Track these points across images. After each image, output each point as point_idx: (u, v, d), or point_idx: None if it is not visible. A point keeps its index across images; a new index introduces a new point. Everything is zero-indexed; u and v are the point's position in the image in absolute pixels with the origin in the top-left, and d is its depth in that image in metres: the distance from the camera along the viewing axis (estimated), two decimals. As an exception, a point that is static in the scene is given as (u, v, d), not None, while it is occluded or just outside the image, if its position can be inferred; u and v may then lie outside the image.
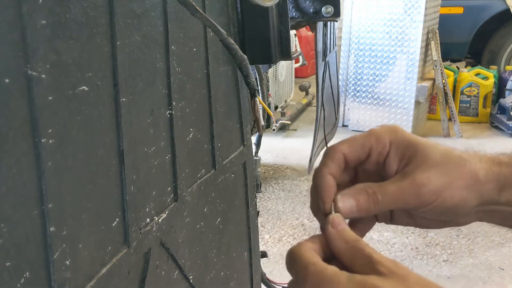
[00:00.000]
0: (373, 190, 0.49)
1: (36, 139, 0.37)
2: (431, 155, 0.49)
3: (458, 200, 0.49)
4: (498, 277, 2.38)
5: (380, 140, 0.51)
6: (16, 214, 0.36)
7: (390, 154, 0.51)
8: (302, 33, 6.27)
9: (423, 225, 0.55)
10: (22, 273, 0.36)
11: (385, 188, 0.49)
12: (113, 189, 0.49)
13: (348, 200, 0.49)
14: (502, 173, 0.49)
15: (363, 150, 0.51)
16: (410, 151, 0.50)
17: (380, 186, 0.49)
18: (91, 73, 0.45)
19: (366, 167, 0.53)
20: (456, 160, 0.49)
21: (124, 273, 0.50)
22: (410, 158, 0.50)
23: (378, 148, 0.51)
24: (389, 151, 0.51)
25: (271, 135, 4.31)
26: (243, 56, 0.62)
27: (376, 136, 0.51)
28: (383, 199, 0.49)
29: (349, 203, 0.49)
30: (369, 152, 0.51)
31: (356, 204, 0.49)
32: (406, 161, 0.50)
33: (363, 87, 4.60)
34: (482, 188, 0.49)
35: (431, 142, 0.51)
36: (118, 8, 0.48)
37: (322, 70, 1.64)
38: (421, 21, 4.23)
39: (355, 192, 0.49)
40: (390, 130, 0.52)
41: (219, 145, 0.75)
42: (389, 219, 0.56)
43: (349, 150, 0.51)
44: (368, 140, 0.51)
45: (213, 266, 0.75)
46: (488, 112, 4.90)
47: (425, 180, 0.48)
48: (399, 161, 0.51)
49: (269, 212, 3.02)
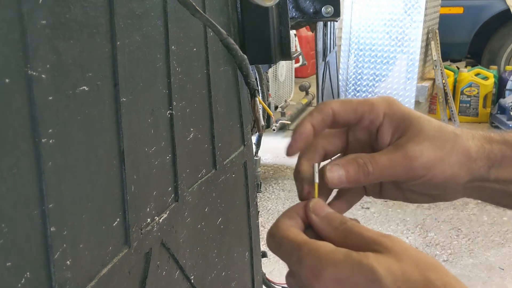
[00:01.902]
0: (364, 160, 0.48)
1: (36, 139, 0.37)
2: (425, 129, 0.49)
3: (449, 175, 0.49)
4: (498, 277, 2.38)
5: (374, 108, 0.51)
6: (16, 214, 0.36)
7: (384, 125, 0.51)
8: (302, 33, 6.27)
9: (411, 199, 0.55)
10: (23, 273, 0.36)
11: (376, 159, 0.48)
12: (113, 189, 0.49)
13: (338, 170, 0.48)
14: (492, 151, 0.50)
15: (355, 113, 0.51)
16: (404, 124, 0.50)
17: (372, 157, 0.49)
18: (91, 73, 0.45)
19: (358, 136, 0.53)
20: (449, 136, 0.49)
21: (125, 273, 0.50)
22: (403, 130, 0.49)
23: (371, 115, 0.51)
24: (383, 122, 0.51)
25: (271, 135, 4.31)
26: (243, 56, 0.62)
27: (370, 104, 0.51)
28: (374, 170, 0.48)
29: (338, 173, 0.48)
30: (360, 118, 0.51)
31: (345, 175, 0.48)
32: (399, 133, 0.50)
33: (363, 87, 4.60)
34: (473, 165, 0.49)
35: (425, 116, 0.50)
36: (118, 8, 0.48)
37: (322, 70, 1.64)
38: (421, 21, 4.22)
39: (346, 163, 0.48)
40: (386, 101, 0.51)
41: (220, 145, 0.75)
42: (378, 192, 0.56)
43: (340, 108, 0.50)
44: (362, 106, 0.51)
45: (214, 266, 0.75)
46: (488, 112, 4.90)
47: (418, 153, 0.48)
48: (393, 133, 0.50)
49: (269, 212, 3.02)
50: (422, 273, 0.39)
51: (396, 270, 0.39)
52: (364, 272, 0.39)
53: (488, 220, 2.91)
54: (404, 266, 0.39)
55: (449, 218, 2.94)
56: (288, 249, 0.43)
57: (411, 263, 0.39)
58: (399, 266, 0.39)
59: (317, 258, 0.41)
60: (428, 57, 4.59)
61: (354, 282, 0.39)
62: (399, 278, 0.38)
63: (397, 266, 0.39)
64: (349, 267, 0.39)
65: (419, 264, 0.40)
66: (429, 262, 0.40)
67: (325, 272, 0.40)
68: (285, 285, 1.20)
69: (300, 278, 0.43)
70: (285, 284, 0.48)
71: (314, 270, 0.41)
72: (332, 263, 0.40)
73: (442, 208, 3.07)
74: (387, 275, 0.38)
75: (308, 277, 0.41)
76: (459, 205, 3.10)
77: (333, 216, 0.46)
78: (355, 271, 0.39)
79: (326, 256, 0.41)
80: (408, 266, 0.39)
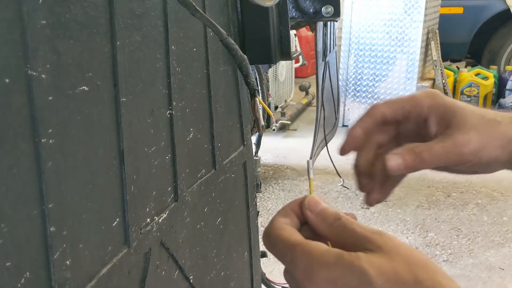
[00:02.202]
0: (420, 149, 0.54)
1: (36, 139, 0.37)
2: (469, 119, 0.55)
3: (493, 157, 0.55)
4: (498, 277, 2.38)
5: (418, 103, 0.57)
6: (16, 214, 0.36)
7: (430, 117, 0.56)
8: (302, 33, 6.27)
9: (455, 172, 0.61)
10: (22, 273, 0.36)
11: (431, 148, 0.54)
12: (113, 189, 0.49)
13: (396, 159, 0.53)
14: None
15: (403, 111, 0.57)
16: (449, 115, 0.55)
17: (427, 146, 0.54)
18: (91, 73, 0.45)
19: (407, 128, 0.59)
20: (491, 123, 0.56)
21: (124, 273, 0.50)
22: (449, 120, 0.55)
23: (417, 109, 0.57)
24: (428, 115, 0.56)
25: (271, 135, 4.31)
26: (243, 56, 0.62)
27: (415, 100, 0.57)
28: (429, 158, 0.54)
29: (397, 161, 0.53)
30: (408, 114, 0.57)
31: (403, 163, 0.54)
32: (445, 123, 0.55)
33: (363, 87, 4.59)
34: None
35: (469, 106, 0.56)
36: (118, 8, 0.48)
37: (322, 70, 1.64)
38: (421, 21, 4.22)
39: (404, 152, 0.54)
40: (429, 95, 0.57)
41: (219, 145, 0.75)
42: None
43: (389, 110, 0.57)
44: (408, 103, 0.57)
45: (213, 266, 0.75)
46: (488, 112, 4.90)
47: (466, 141, 0.54)
48: (439, 123, 0.56)
49: (269, 212, 3.02)
50: (413, 272, 0.39)
51: (387, 270, 0.39)
52: (356, 274, 0.40)
53: (488, 220, 2.91)
54: (395, 266, 0.40)
55: (449, 218, 2.94)
56: (282, 249, 0.44)
57: (401, 262, 0.40)
58: (390, 266, 0.40)
59: (309, 259, 0.42)
60: (428, 57, 4.59)
61: (346, 283, 0.40)
62: (390, 278, 0.39)
63: (388, 266, 0.40)
64: (340, 269, 0.40)
65: (410, 263, 0.40)
66: (419, 260, 0.41)
67: (317, 273, 0.41)
68: (285, 285, 1.20)
69: (294, 277, 0.44)
70: (285, 284, 0.49)
71: (306, 271, 0.42)
72: (324, 265, 0.41)
73: (442, 208, 3.07)
74: (378, 275, 0.39)
75: (301, 278, 0.42)
76: (459, 205, 3.10)
77: (327, 212, 0.47)
78: (347, 273, 0.40)
79: (319, 258, 0.41)
80: (399, 265, 0.40)
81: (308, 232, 0.46)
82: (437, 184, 3.40)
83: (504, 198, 3.18)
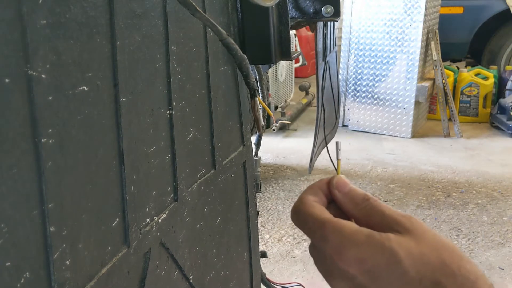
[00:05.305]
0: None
1: (36, 139, 0.37)
2: None
3: None
4: (498, 277, 2.38)
5: None
6: (16, 214, 0.36)
7: None
8: (302, 33, 6.27)
9: None
10: (22, 273, 0.36)
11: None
12: (113, 189, 0.49)
13: None
14: None
15: None
16: None
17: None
18: (91, 73, 0.45)
19: None
20: None
21: (124, 273, 0.50)
22: None
23: None
24: None
25: (271, 135, 4.31)
26: (243, 56, 0.62)
27: None
28: None
29: None
30: None
31: None
32: None
33: (363, 87, 4.59)
34: None
35: None
36: (118, 8, 0.48)
37: (322, 70, 1.64)
38: (421, 21, 4.22)
39: None
40: None
41: (219, 145, 0.75)
42: None
43: None
44: None
45: (213, 266, 0.75)
46: (488, 112, 4.90)
47: None
48: None
49: (269, 212, 3.02)
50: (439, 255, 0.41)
51: (415, 252, 0.41)
52: (385, 254, 0.41)
53: (488, 220, 2.91)
54: (422, 249, 0.41)
55: (449, 218, 2.94)
56: (313, 226, 0.45)
57: (429, 246, 0.41)
58: (418, 249, 0.41)
59: (340, 237, 0.43)
60: (428, 57, 4.59)
61: (376, 263, 0.41)
62: (417, 260, 0.41)
63: (416, 249, 0.41)
64: (371, 248, 0.41)
65: (437, 246, 0.42)
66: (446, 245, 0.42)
67: (348, 251, 0.42)
68: (285, 285, 1.20)
69: (324, 253, 0.45)
70: (285, 284, 0.49)
71: (337, 248, 0.43)
72: (355, 243, 0.42)
73: (442, 208, 3.07)
74: (406, 257, 0.40)
75: (332, 255, 0.43)
76: (459, 205, 3.11)
77: (356, 192, 0.47)
78: (377, 252, 0.41)
79: (349, 236, 0.42)
80: (426, 249, 0.41)
81: (334, 211, 0.47)
82: (437, 184, 3.40)
83: (504, 198, 3.18)
